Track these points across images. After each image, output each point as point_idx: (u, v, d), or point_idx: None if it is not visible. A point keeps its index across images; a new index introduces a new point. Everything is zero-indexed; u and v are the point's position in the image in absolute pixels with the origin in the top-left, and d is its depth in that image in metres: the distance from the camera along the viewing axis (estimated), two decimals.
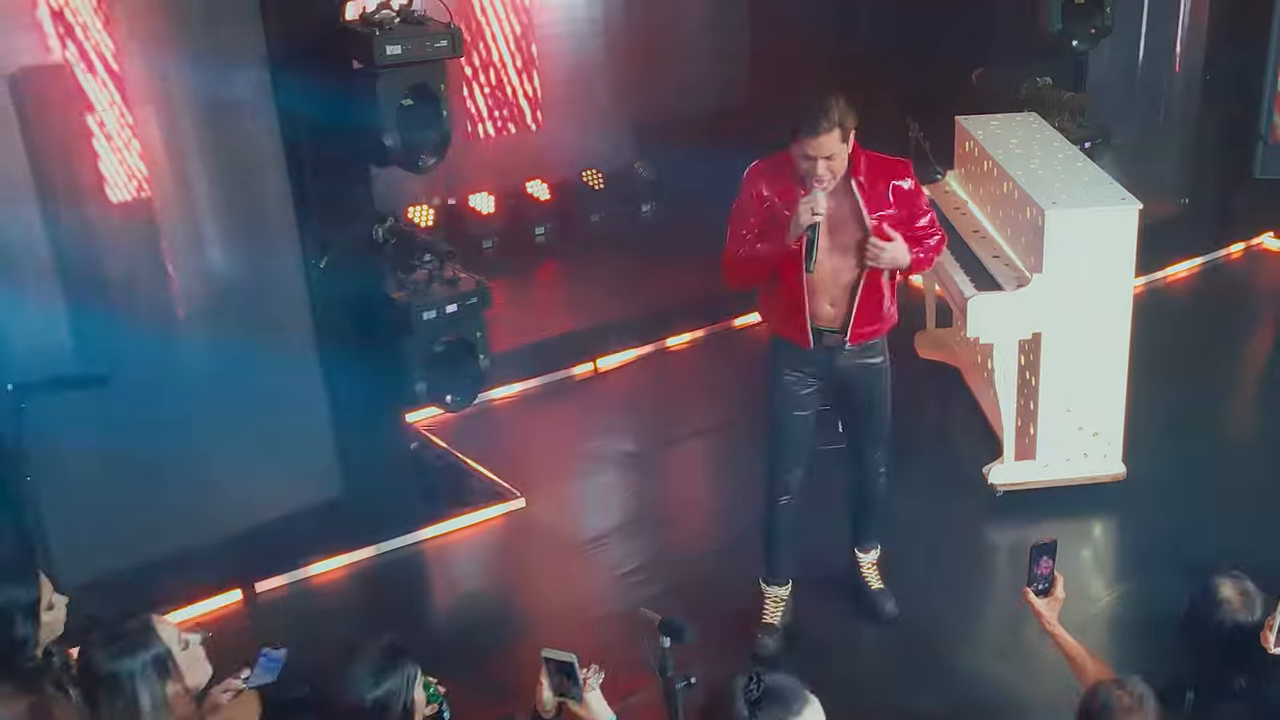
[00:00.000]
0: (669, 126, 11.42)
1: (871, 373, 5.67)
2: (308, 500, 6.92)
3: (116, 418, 6.23)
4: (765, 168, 5.43)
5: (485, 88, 10.71)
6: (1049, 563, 4.44)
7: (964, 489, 7.09)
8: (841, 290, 5.44)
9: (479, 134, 10.76)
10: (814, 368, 5.61)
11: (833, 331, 5.50)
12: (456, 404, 6.87)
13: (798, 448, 5.78)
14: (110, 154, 6.63)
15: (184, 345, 6.52)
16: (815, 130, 5.06)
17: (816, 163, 5.12)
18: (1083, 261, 6.57)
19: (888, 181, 5.39)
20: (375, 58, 6.13)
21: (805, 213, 5.15)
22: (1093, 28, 8.83)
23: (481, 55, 10.59)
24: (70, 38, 6.40)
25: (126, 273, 6.51)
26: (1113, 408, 6.86)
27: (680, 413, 8.35)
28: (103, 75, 6.51)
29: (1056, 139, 7.58)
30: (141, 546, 6.45)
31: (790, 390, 5.65)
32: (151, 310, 6.50)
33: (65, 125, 6.33)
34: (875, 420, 5.83)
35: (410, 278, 6.78)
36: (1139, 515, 6.93)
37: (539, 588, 6.79)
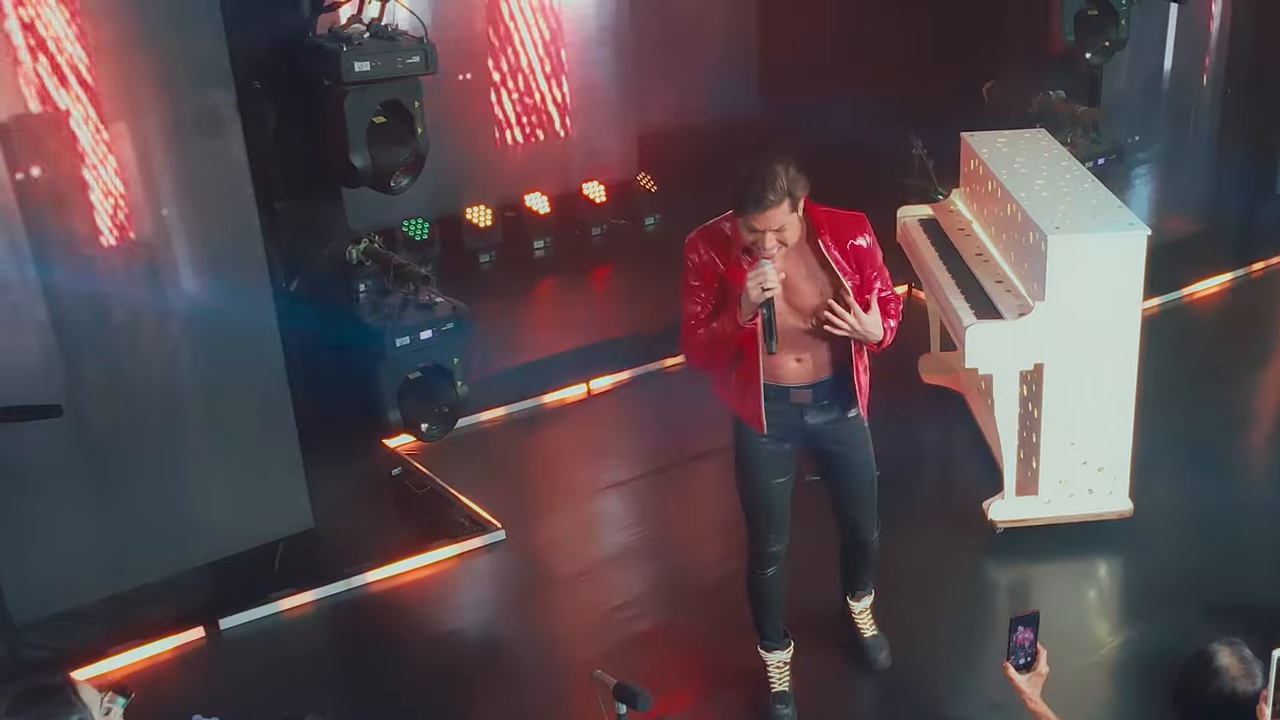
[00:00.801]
0: (673, 136, 11.19)
1: (847, 428, 5.24)
2: (276, 532, 6.65)
3: (74, 446, 6.03)
4: (706, 236, 4.97)
5: (513, 94, 10.50)
6: (1030, 634, 4.12)
7: (963, 524, 6.79)
8: (808, 345, 5.03)
9: (506, 140, 10.58)
10: (783, 429, 5.16)
11: (803, 388, 5.09)
12: (432, 434, 6.58)
13: (780, 518, 5.37)
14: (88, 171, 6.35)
15: (145, 370, 6.23)
16: (761, 204, 4.62)
17: (765, 236, 4.70)
18: (1087, 289, 6.25)
19: (843, 240, 4.95)
20: (343, 74, 5.85)
21: (754, 289, 4.70)
22: (1106, 40, 8.52)
23: (510, 61, 10.38)
24: (42, 51, 6.10)
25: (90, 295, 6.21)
26: (1119, 441, 6.54)
27: (674, 437, 8.05)
28: (76, 90, 6.21)
29: (1064, 158, 7.25)
30: (98, 581, 6.23)
31: (761, 456, 5.24)
32: (113, 334, 6.19)
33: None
34: (859, 483, 5.41)
35: (385, 301, 6.50)
36: (1147, 555, 6.61)
37: (520, 625, 6.48)
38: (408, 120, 6.16)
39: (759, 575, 5.55)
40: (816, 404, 5.12)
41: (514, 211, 10.50)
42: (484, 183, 10.40)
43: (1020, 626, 4.10)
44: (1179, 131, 10.65)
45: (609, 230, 10.78)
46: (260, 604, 6.47)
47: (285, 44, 6.08)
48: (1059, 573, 6.58)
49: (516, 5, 10.30)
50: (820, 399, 5.12)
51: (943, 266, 7.11)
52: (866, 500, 5.46)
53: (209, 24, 5.94)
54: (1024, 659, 4.14)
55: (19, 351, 5.97)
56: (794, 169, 4.68)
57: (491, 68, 10.37)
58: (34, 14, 5.96)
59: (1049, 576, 6.58)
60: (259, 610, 6.46)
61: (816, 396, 5.11)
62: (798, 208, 4.75)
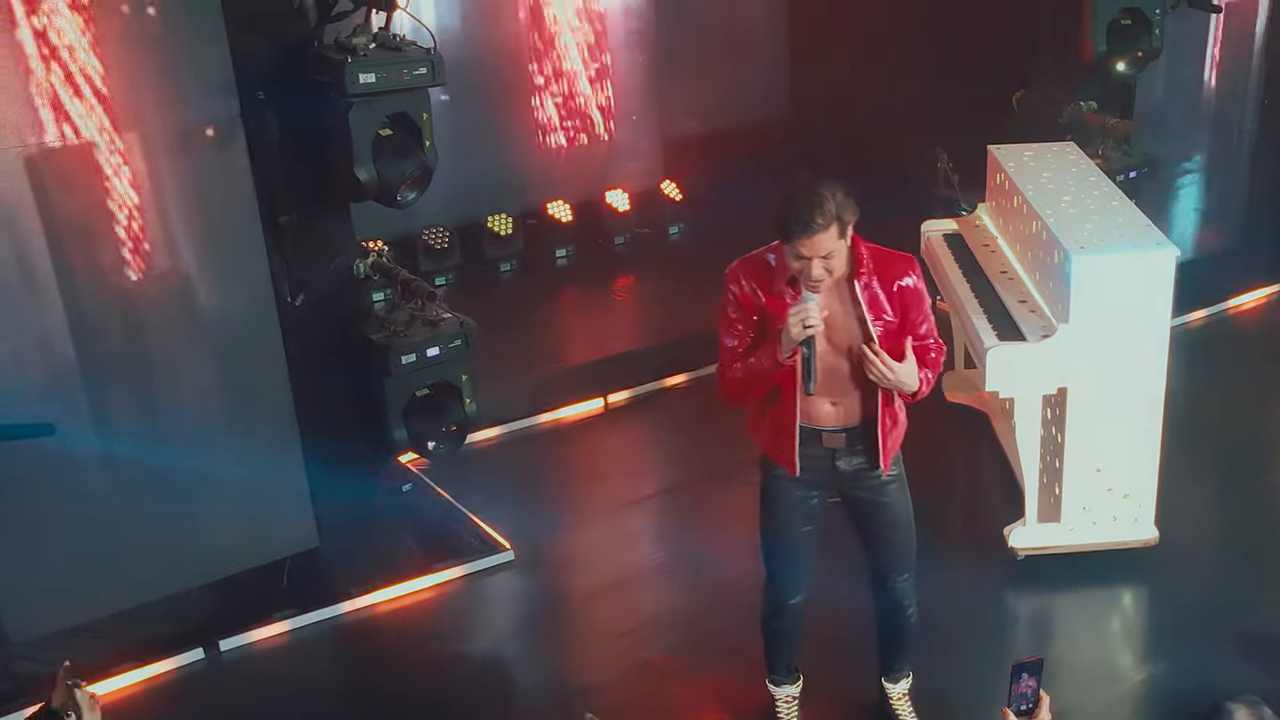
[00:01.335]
0: (699, 143, 11.03)
1: (880, 478, 4.95)
2: (279, 552, 6.53)
3: (72, 464, 5.90)
4: (747, 267, 4.73)
5: (557, 97, 10.37)
6: (1033, 682, 3.92)
7: (984, 550, 6.60)
8: (844, 389, 4.76)
9: (549, 144, 10.45)
10: (816, 476, 4.93)
11: (835, 432, 4.84)
12: (439, 452, 6.44)
13: (802, 570, 5.16)
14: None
15: (146, 385, 6.12)
16: (810, 228, 4.37)
17: (812, 263, 4.45)
18: (1113, 311, 6.06)
19: (890, 280, 4.69)
20: (347, 86, 5.72)
21: (796, 326, 4.47)
22: (1140, 51, 8.27)
23: (554, 64, 10.26)
24: (55, 60, 5.98)
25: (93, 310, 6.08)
26: (1145, 467, 6.34)
27: (693, 455, 7.90)
28: (90, 99, 6.07)
29: (1093, 173, 7.04)
30: (96, 599, 6.11)
31: (789, 502, 5.01)
32: (114, 350, 6.07)
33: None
34: (894, 536, 5.09)
35: (391, 317, 6.36)
36: (1173, 586, 6.40)
37: (524, 650, 6.37)
38: (415, 133, 6.01)
39: (774, 623, 5.37)
40: (850, 449, 4.86)
41: (536, 219, 10.33)
42: (507, 190, 10.24)
43: (1023, 673, 3.91)
44: (1220, 144, 10.41)
45: (632, 239, 10.60)
46: (261, 625, 6.34)
47: (290, 54, 5.95)
48: (1082, 602, 6.38)
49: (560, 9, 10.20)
50: (854, 444, 4.86)
51: (965, 284, 6.92)
52: (900, 556, 5.14)
53: (212, 32, 5.81)
54: (1025, 706, 3.95)
55: (22, 367, 5.87)
56: (842, 194, 4.44)
57: (535, 71, 10.28)
58: (46, 22, 5.83)
59: (1071, 606, 6.39)
60: (260, 631, 6.33)
61: (850, 441, 4.85)
62: (846, 235, 4.50)
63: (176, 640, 6.20)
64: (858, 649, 5.63)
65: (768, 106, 11.76)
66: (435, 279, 9.77)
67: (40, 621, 5.99)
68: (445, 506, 7.27)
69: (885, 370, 4.58)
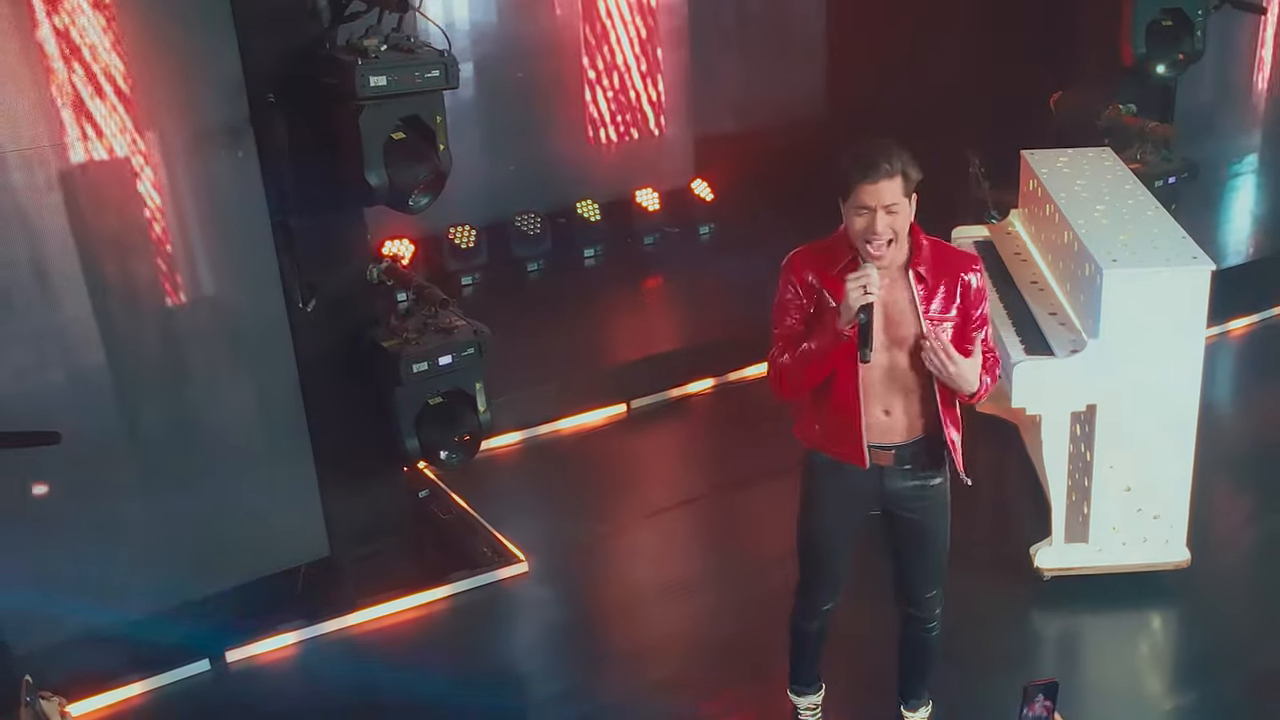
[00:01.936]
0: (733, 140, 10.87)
1: (929, 495, 4.77)
2: (288, 561, 6.43)
3: (76, 469, 5.80)
4: (808, 254, 4.56)
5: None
6: (1049, 704, 3.73)
7: (1009, 568, 6.42)
8: (899, 395, 4.59)
9: (579, 142, 10.35)
10: (860, 490, 4.76)
11: (885, 448, 4.65)
12: (452, 462, 6.31)
13: (835, 578, 5.03)
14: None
15: (153, 392, 6.00)
16: (875, 173, 4.24)
17: (876, 215, 4.28)
18: (1145, 327, 5.86)
19: (955, 275, 4.51)
20: (357, 89, 5.58)
21: (856, 291, 4.27)
22: (1181, 53, 8.05)
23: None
24: (76, 59, 5.86)
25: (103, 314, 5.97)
26: (1177, 488, 6.14)
27: (718, 463, 7.76)
28: (112, 99, 5.96)
29: (1128, 181, 6.82)
30: (98, 609, 5.97)
31: (831, 515, 4.87)
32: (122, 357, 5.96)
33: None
34: (930, 553, 4.93)
35: (404, 323, 6.23)
36: (1205, 611, 6.21)
37: (534, 668, 6.23)
38: (429, 136, 5.87)
39: (804, 626, 5.22)
40: (899, 467, 4.69)
41: (565, 218, 10.19)
42: (535, 188, 10.11)
43: (1038, 695, 3.73)
44: (1272, 146, 10.16)
45: (662, 239, 10.44)
46: (269, 636, 6.22)
47: (302, 55, 5.82)
48: (1109, 626, 6.19)
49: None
50: (903, 462, 4.69)
51: (994, 293, 6.71)
52: (933, 574, 4.99)
53: (221, 32, 5.70)
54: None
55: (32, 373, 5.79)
56: (908, 153, 4.33)
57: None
58: (68, 21, 5.72)
59: (1099, 630, 6.20)
60: (268, 643, 6.21)
61: (899, 459, 4.69)
62: (910, 194, 4.35)
63: (182, 651, 6.09)
64: (878, 669, 5.47)
65: (803, 105, 11.59)
66: (461, 278, 9.72)
67: (42, 631, 5.89)
68: (461, 515, 7.13)
69: (945, 360, 4.39)
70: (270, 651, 6.21)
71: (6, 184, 5.57)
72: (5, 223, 5.57)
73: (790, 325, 4.60)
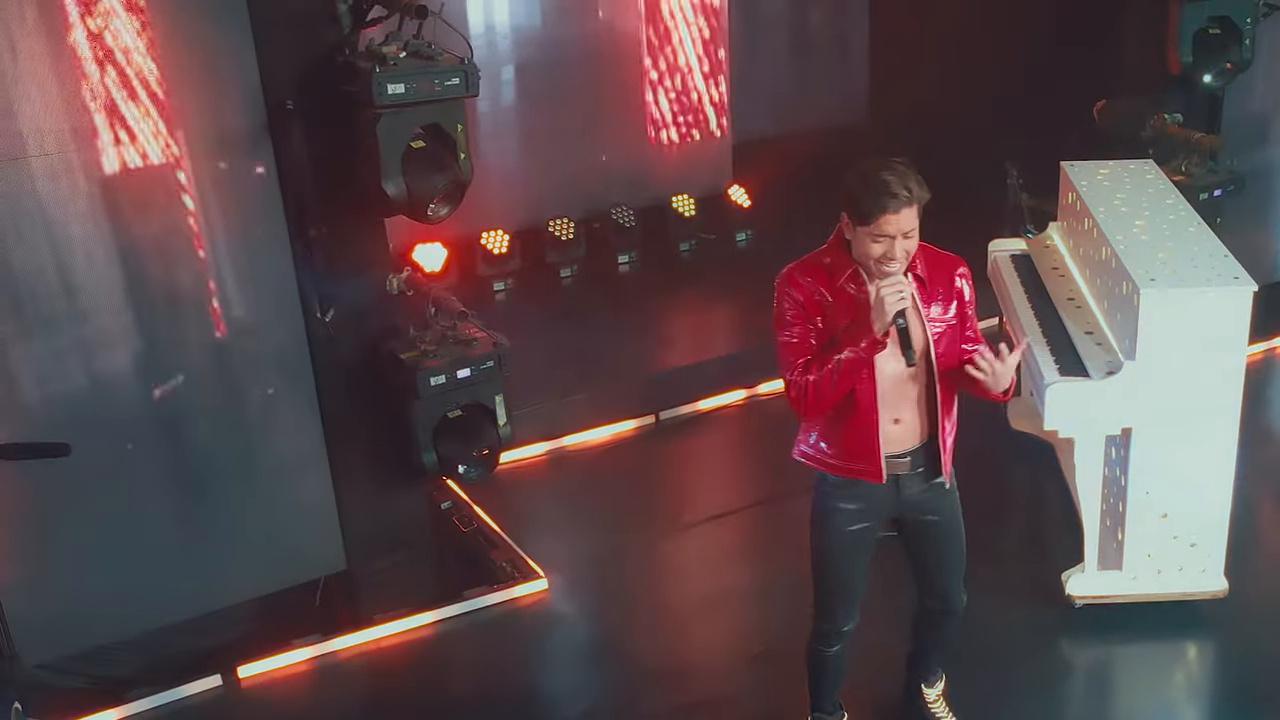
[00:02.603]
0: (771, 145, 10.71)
1: (944, 494, 4.78)
2: (304, 575, 6.34)
3: (88, 482, 5.72)
4: (805, 270, 4.52)
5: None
6: None
7: (1039, 593, 6.24)
8: (907, 402, 4.57)
9: (614, 147, 10.20)
10: (876, 504, 4.73)
11: (900, 457, 4.62)
12: (470, 476, 6.20)
13: (855, 596, 4.93)
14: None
15: (168, 403, 5.91)
16: (897, 202, 4.21)
17: (895, 242, 4.27)
18: (1184, 349, 5.67)
19: (949, 276, 4.55)
20: (375, 97, 5.47)
21: (893, 296, 4.27)
22: (1228, 62, 7.85)
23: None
24: (110, 62, 5.76)
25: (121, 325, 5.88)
26: (1215, 514, 5.95)
27: (745, 479, 7.62)
28: (145, 103, 5.85)
29: (1171, 195, 6.62)
30: (110, 623, 5.94)
31: (848, 534, 4.78)
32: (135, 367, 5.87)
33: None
34: (953, 550, 4.93)
35: (423, 335, 6.12)
36: (1243, 642, 6.01)
37: (550, 689, 6.11)
38: (450, 145, 5.75)
39: (823, 651, 5.11)
40: (914, 472, 4.67)
41: (599, 224, 10.06)
42: (569, 194, 9.97)
43: None
44: None
45: (698, 246, 10.28)
46: (282, 651, 6.14)
47: (321, 61, 5.72)
48: (1143, 657, 6.01)
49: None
50: (917, 466, 4.67)
51: (1030, 310, 6.55)
52: (958, 568, 4.98)
53: (238, 36, 5.60)
54: None
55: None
56: (917, 173, 4.28)
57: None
58: (103, 24, 5.63)
59: (1132, 660, 6.02)
60: (280, 658, 6.12)
61: (914, 464, 4.66)
62: (919, 218, 4.32)
63: (193, 666, 6.03)
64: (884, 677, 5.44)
65: (844, 111, 11.43)
66: (494, 284, 9.62)
67: (53, 643, 5.83)
68: (481, 528, 7.02)
69: (1000, 373, 4.40)
70: (283, 667, 6.13)
71: (32, 191, 5.50)
72: (30, 228, 5.50)
73: (804, 344, 4.52)
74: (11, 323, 5.52)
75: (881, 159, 4.31)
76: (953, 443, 4.68)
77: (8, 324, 5.52)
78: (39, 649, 5.77)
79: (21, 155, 5.43)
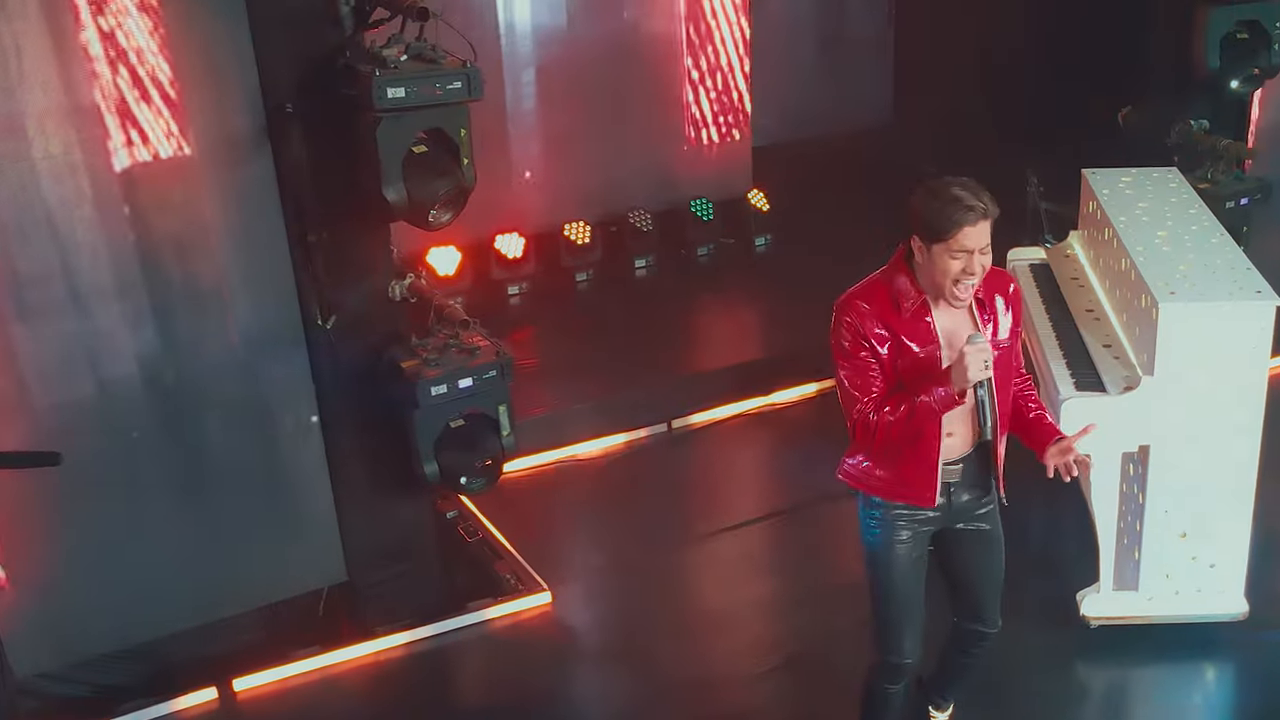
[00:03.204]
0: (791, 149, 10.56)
1: (989, 500, 4.68)
2: (303, 586, 6.24)
3: (84, 489, 5.63)
4: (867, 298, 4.35)
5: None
6: None
7: (1053, 613, 6.08)
8: (960, 417, 4.43)
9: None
10: (928, 519, 4.61)
11: (952, 464, 4.51)
12: (472, 487, 6.08)
13: (920, 621, 4.74)
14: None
15: (163, 410, 5.81)
16: (975, 214, 4.10)
17: (974, 257, 4.15)
18: (1204, 364, 5.51)
19: (1005, 294, 4.47)
20: (375, 101, 5.35)
21: (976, 366, 4.14)
22: (1256, 68, 7.67)
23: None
24: (122, 63, 5.66)
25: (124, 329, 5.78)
26: (1235, 535, 5.79)
27: (760, 489, 7.48)
28: (159, 104, 5.75)
29: (1194, 205, 6.45)
30: (105, 634, 5.87)
31: (908, 560, 4.63)
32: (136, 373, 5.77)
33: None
34: (997, 563, 4.81)
35: (425, 344, 6.00)
36: (1263, 666, 5.85)
37: (554, 705, 5.94)
38: (453, 150, 5.63)
39: (888, 689, 4.89)
40: (964, 480, 4.57)
41: (616, 227, 9.93)
42: (586, 197, 9.83)
43: None
44: None
45: (716, 250, 10.14)
46: (279, 664, 6.03)
47: (322, 64, 5.60)
48: (1159, 680, 5.87)
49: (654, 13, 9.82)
50: (966, 474, 4.57)
51: (1047, 322, 6.40)
52: (1000, 583, 4.87)
53: (236, 36, 5.49)
54: None
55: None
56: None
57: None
58: (115, 23, 5.54)
59: (1147, 683, 5.89)
60: (277, 671, 6.02)
61: (965, 471, 4.56)
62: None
63: (190, 677, 5.92)
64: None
65: (868, 115, 11.27)
66: (508, 288, 9.49)
67: (47, 655, 5.75)
68: (486, 539, 6.90)
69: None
70: (281, 680, 6.03)
71: (36, 192, 5.43)
72: (35, 230, 5.43)
73: (868, 376, 4.37)
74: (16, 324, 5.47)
75: (946, 177, 4.20)
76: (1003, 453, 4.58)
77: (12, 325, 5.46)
78: (35, 658, 5.71)
79: (26, 157, 5.36)
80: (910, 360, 4.32)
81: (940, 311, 4.33)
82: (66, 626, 5.78)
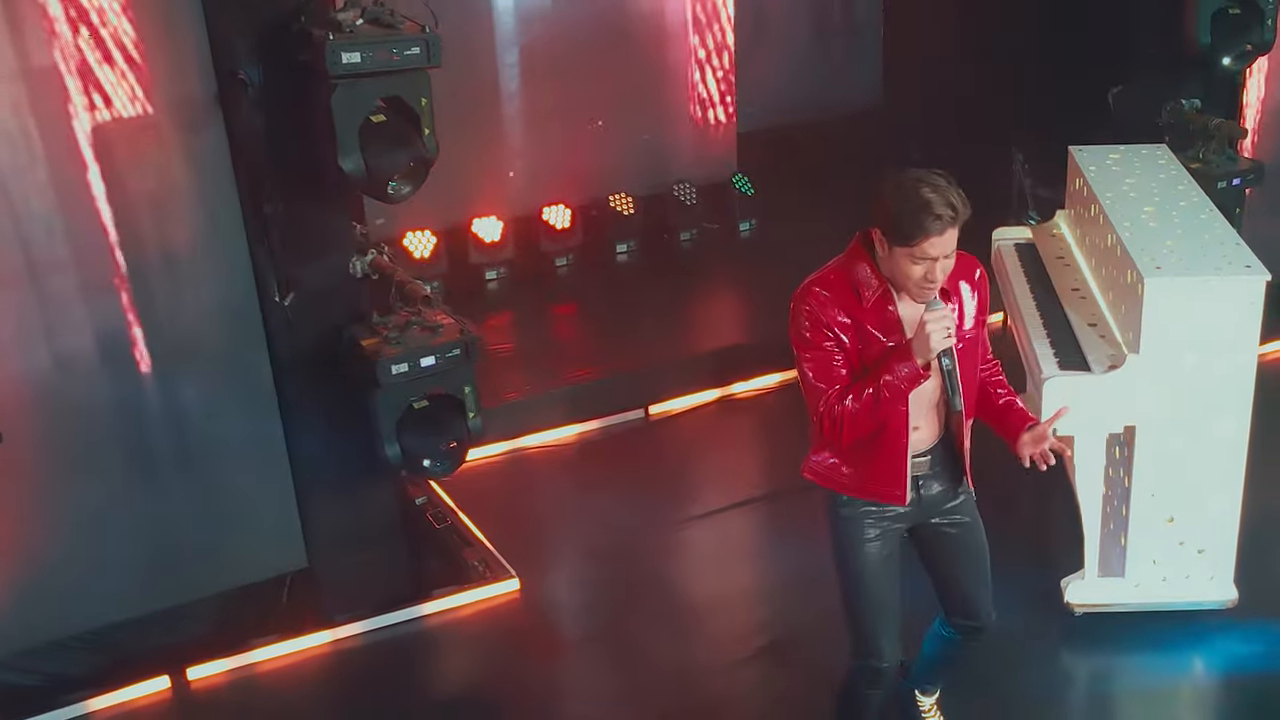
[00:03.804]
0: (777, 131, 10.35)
1: (963, 496, 4.51)
2: (261, 573, 6.03)
3: (29, 473, 5.44)
4: (828, 286, 4.16)
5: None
6: None
7: (1036, 601, 5.89)
8: (925, 409, 4.29)
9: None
10: (899, 515, 4.43)
11: (919, 456, 4.34)
12: (436, 471, 5.88)
13: (897, 619, 4.55)
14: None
15: (112, 391, 5.61)
16: (943, 221, 3.90)
17: (936, 265, 3.97)
18: (1191, 342, 5.33)
19: (968, 278, 4.27)
20: (329, 67, 5.15)
21: (938, 333, 3.98)
22: (1249, 44, 7.47)
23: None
24: (84, 22, 5.44)
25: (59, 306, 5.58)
26: (1224, 520, 5.61)
27: (737, 475, 7.28)
28: (122, 66, 5.55)
29: (1183, 180, 6.26)
30: (53, 621, 5.66)
31: (880, 558, 4.45)
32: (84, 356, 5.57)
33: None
34: (978, 556, 4.64)
35: (388, 320, 5.80)
36: (1253, 655, 5.65)
37: (522, 695, 5.75)
38: (414, 119, 5.43)
39: (869, 694, 4.69)
40: (932, 472, 4.40)
41: (597, 211, 9.73)
42: (566, 180, 9.63)
43: None
44: None
45: (700, 235, 9.94)
46: (235, 653, 5.84)
47: (277, 28, 5.39)
48: (1145, 669, 5.67)
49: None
50: (934, 466, 4.40)
51: (1031, 301, 6.21)
52: (986, 578, 4.69)
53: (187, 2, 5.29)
54: None
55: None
56: (956, 185, 3.97)
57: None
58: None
59: (1134, 672, 5.69)
60: (232, 660, 5.83)
61: (933, 463, 4.40)
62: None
63: (140, 667, 5.74)
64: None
65: (856, 98, 11.05)
66: (486, 272, 9.31)
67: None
68: (455, 525, 6.71)
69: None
70: (238, 669, 5.84)
71: None
72: None
73: (830, 367, 4.17)
74: None
75: (920, 172, 3.97)
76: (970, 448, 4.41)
77: None
78: None
79: None
80: (879, 351, 4.13)
81: (904, 300, 4.14)
82: (11, 612, 5.56)
